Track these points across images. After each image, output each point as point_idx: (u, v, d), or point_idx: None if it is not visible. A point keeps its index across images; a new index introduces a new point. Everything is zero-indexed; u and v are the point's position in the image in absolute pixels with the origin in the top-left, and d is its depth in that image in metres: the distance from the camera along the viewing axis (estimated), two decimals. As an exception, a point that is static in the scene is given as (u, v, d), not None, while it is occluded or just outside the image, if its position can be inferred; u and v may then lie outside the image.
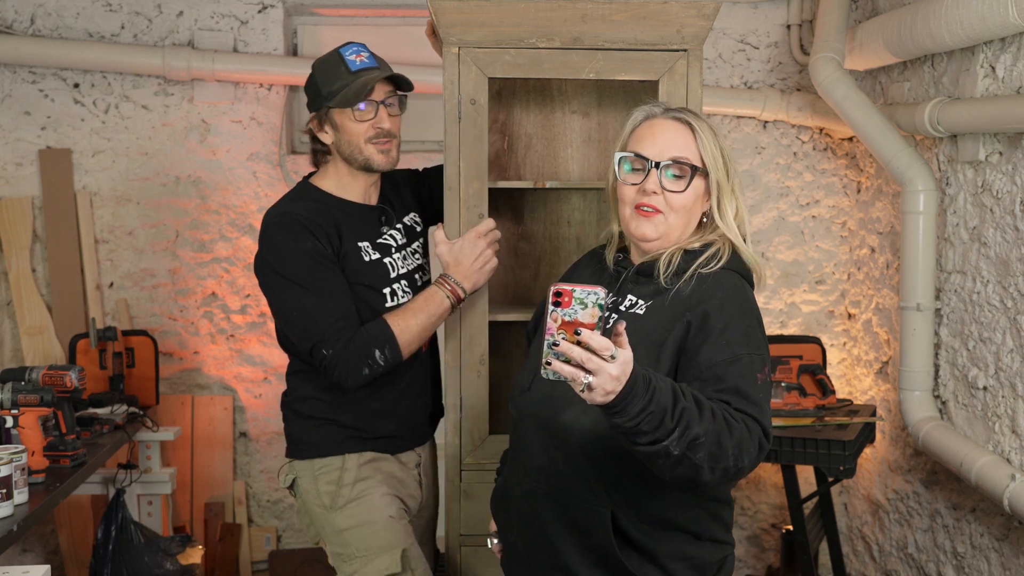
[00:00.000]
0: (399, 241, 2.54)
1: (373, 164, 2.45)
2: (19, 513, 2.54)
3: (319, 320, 2.34)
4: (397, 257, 2.52)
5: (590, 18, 2.44)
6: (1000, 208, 3.01)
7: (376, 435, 2.49)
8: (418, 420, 2.58)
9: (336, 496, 2.45)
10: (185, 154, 4.09)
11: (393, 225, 2.55)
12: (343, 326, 2.33)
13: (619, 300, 1.95)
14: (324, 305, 2.35)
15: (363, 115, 2.41)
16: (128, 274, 4.10)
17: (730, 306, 1.84)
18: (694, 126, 1.92)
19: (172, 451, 4.08)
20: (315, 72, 2.46)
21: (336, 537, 2.45)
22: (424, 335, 2.41)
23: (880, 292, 3.90)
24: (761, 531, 4.28)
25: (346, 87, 2.39)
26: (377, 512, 2.44)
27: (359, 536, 2.42)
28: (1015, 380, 2.95)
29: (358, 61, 2.43)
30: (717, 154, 1.91)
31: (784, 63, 4.13)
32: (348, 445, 2.47)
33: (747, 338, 1.82)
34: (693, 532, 1.90)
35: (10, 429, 2.83)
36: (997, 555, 3.13)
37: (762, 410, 1.77)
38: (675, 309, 1.86)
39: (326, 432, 2.48)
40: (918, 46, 3.22)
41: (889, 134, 3.43)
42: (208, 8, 4.05)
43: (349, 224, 2.45)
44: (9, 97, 4.01)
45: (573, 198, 2.88)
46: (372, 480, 2.46)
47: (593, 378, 1.53)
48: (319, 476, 2.47)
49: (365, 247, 2.46)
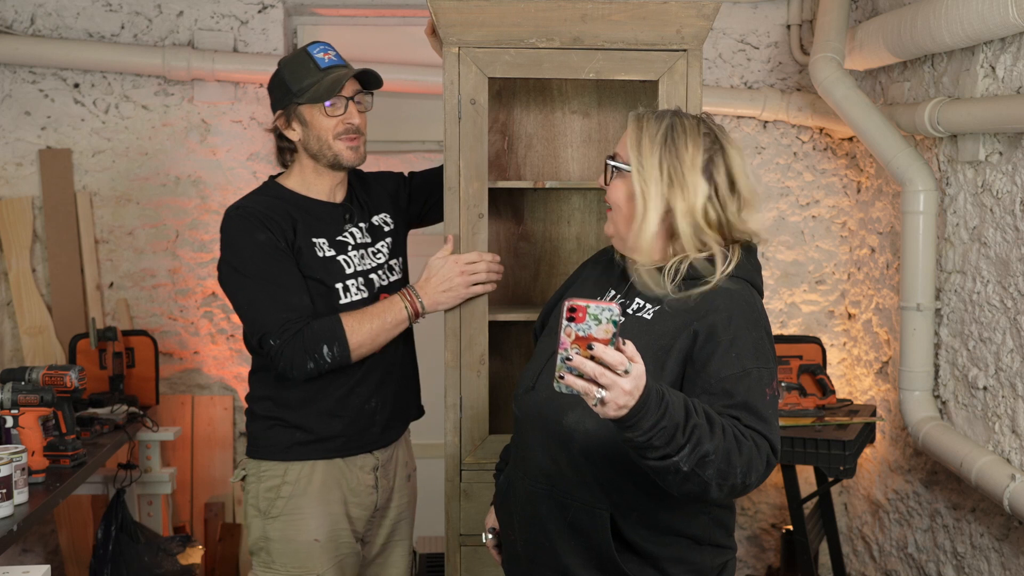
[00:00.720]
0: (359, 240, 2.54)
1: (342, 160, 2.47)
2: (19, 513, 2.54)
3: (268, 311, 2.37)
4: (354, 255, 2.51)
5: (590, 18, 2.44)
6: (1000, 208, 3.01)
7: (323, 436, 2.48)
8: (375, 421, 2.55)
9: (272, 504, 2.47)
10: (185, 154, 4.09)
11: (356, 223, 2.54)
12: (293, 318, 2.36)
13: (627, 303, 1.94)
14: (274, 297, 2.37)
15: (333, 110, 2.43)
16: (128, 274, 4.10)
17: (739, 318, 1.83)
18: (633, 124, 1.90)
19: (172, 451, 4.08)
20: (282, 70, 2.48)
21: (264, 543, 2.49)
22: (376, 340, 2.42)
23: (880, 292, 3.90)
24: (761, 531, 4.29)
25: (317, 83, 2.42)
26: (304, 533, 2.46)
27: (282, 552, 2.46)
28: (1015, 380, 2.95)
29: (326, 59, 2.45)
30: (651, 154, 1.85)
31: (784, 63, 4.13)
32: (294, 451, 2.47)
33: (756, 352, 1.80)
34: (693, 537, 1.89)
35: (10, 429, 2.83)
36: (997, 555, 3.13)
37: (771, 427, 1.77)
38: (682, 317, 1.84)
39: (275, 434, 2.49)
40: (918, 46, 3.22)
41: (889, 134, 3.43)
42: (208, 8, 4.05)
43: (307, 220, 2.46)
44: (9, 97, 4.01)
45: (573, 198, 2.88)
46: (307, 498, 2.46)
47: (606, 393, 1.53)
48: (262, 478, 2.50)
49: (320, 243, 2.47)
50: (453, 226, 2.48)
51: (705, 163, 1.86)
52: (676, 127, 1.87)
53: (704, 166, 1.86)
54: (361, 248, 2.54)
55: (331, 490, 2.49)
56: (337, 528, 2.50)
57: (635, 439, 1.59)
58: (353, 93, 2.46)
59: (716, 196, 1.87)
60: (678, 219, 1.85)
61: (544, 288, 2.90)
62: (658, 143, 1.85)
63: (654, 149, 1.85)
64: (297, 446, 2.47)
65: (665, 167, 1.85)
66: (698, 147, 1.86)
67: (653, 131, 1.87)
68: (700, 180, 1.85)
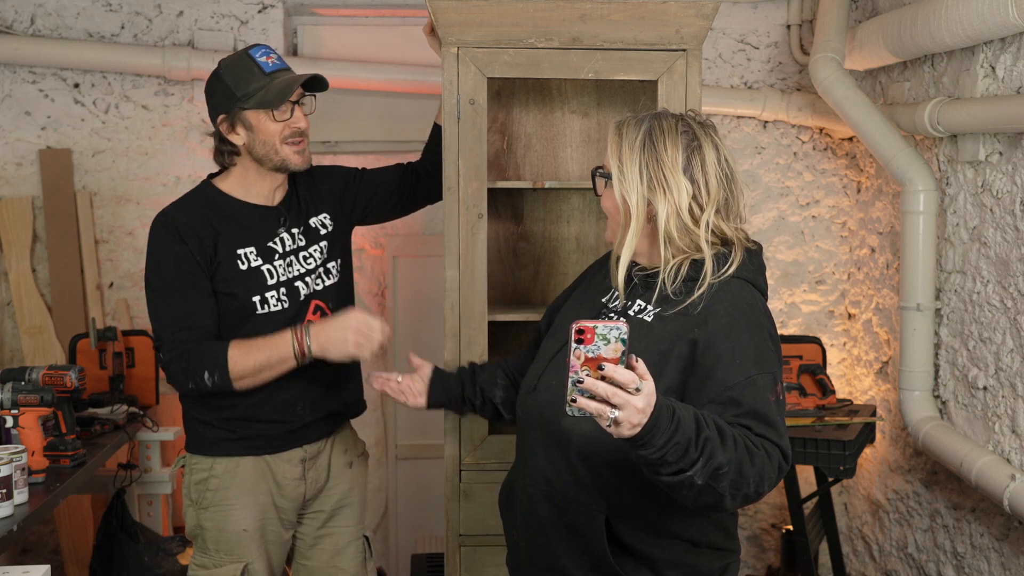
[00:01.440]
0: (290, 246, 2.53)
1: (290, 164, 2.47)
2: (19, 513, 2.53)
3: (166, 324, 2.41)
4: (280, 264, 2.50)
5: (589, 18, 2.44)
6: (1000, 208, 3.01)
7: (247, 436, 2.52)
8: (303, 422, 2.56)
9: (203, 496, 2.53)
10: (185, 154, 4.09)
11: (289, 228, 2.53)
12: (183, 337, 2.39)
13: (628, 304, 1.93)
14: (172, 312, 2.41)
15: (281, 115, 2.43)
16: (128, 274, 4.10)
17: (740, 321, 1.82)
18: (613, 133, 1.91)
19: (172, 451, 4.08)
20: (223, 74, 2.45)
21: (199, 531, 2.56)
22: (259, 375, 2.40)
23: (880, 292, 3.90)
24: (761, 531, 4.29)
25: (263, 88, 2.40)
26: (233, 523, 2.52)
27: (215, 539, 2.54)
28: (1015, 380, 2.95)
29: (270, 63, 2.44)
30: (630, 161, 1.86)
31: (784, 63, 4.13)
32: (220, 447, 2.53)
33: (759, 356, 1.80)
34: (691, 540, 1.89)
35: (10, 429, 2.83)
36: (997, 555, 3.13)
37: (780, 432, 1.76)
38: (682, 322, 1.84)
39: (202, 430, 2.55)
40: (918, 46, 3.22)
41: (889, 134, 3.43)
42: (208, 8, 4.05)
43: (233, 230, 2.46)
44: (9, 97, 4.01)
45: (572, 198, 2.88)
46: (233, 491, 2.52)
47: (619, 412, 1.54)
48: (193, 471, 2.55)
49: (245, 253, 2.47)
50: (452, 226, 2.48)
51: (685, 163, 1.86)
52: (654, 130, 1.87)
53: (684, 166, 1.86)
54: (290, 255, 2.52)
55: (257, 482, 2.54)
56: (265, 518, 2.55)
57: (648, 456, 1.60)
58: (298, 97, 2.47)
59: (698, 195, 1.86)
60: (664, 221, 1.85)
61: (544, 288, 2.90)
62: (637, 149, 1.86)
63: (633, 156, 1.86)
64: (224, 442, 2.52)
65: (645, 172, 1.85)
66: (677, 147, 1.86)
67: (632, 137, 1.88)
68: (683, 180, 1.85)
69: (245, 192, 2.51)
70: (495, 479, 2.54)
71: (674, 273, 1.87)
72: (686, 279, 1.87)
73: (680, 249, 1.88)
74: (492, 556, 2.56)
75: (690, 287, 1.86)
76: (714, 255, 1.87)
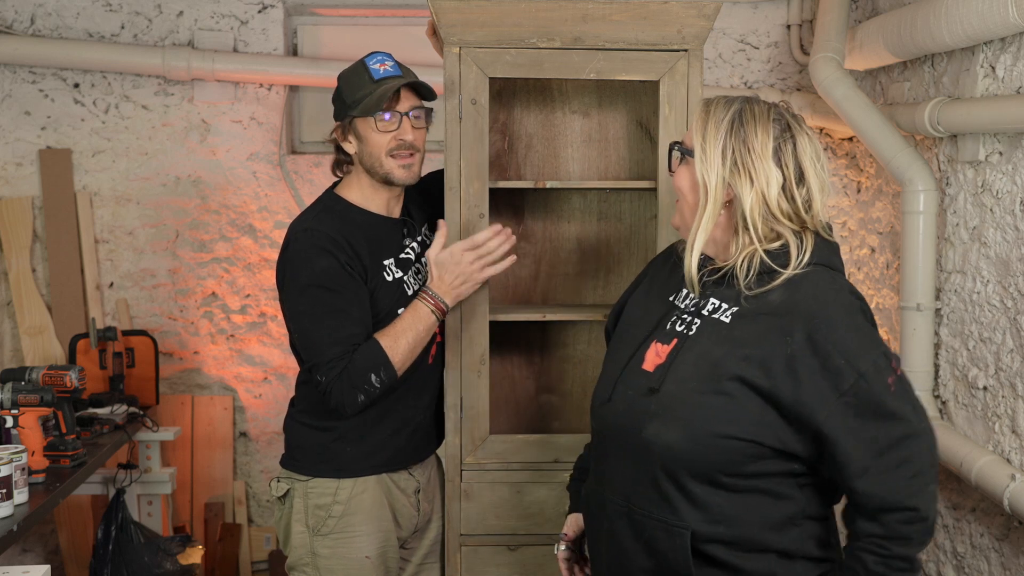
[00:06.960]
0: (414, 256, 2.51)
1: (393, 178, 2.40)
2: (19, 513, 2.54)
3: (318, 345, 2.31)
4: (411, 275, 2.48)
5: (591, 18, 2.44)
6: (1000, 208, 3.01)
7: (371, 449, 2.45)
8: (419, 439, 2.53)
9: (323, 522, 2.43)
10: (185, 154, 4.09)
11: (415, 238, 2.52)
12: (339, 353, 2.29)
13: (701, 303, 1.83)
14: (325, 329, 2.31)
15: (386, 125, 2.36)
16: (128, 274, 4.10)
17: (833, 309, 1.73)
18: (700, 110, 1.83)
19: (172, 451, 4.08)
20: (340, 81, 2.42)
21: (311, 558, 2.45)
22: (415, 351, 2.37)
23: (880, 292, 3.90)
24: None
25: (369, 95, 2.35)
26: (355, 551, 2.43)
27: (330, 568, 2.43)
28: (1015, 380, 2.95)
29: (381, 70, 2.38)
30: (715, 140, 1.79)
31: (784, 63, 4.13)
32: (345, 470, 2.44)
33: (860, 344, 1.71)
34: (784, 551, 1.77)
35: (10, 429, 2.83)
36: (997, 555, 3.13)
37: (907, 419, 1.70)
38: (766, 321, 1.74)
39: (325, 451, 2.44)
40: (918, 46, 3.22)
41: (889, 134, 3.43)
42: (208, 8, 4.05)
43: (373, 241, 2.41)
44: (9, 97, 4.01)
45: (573, 198, 2.88)
46: (358, 516, 2.43)
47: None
48: (310, 495, 2.44)
49: (388, 264, 2.43)
50: (454, 226, 2.48)
51: (774, 151, 1.78)
52: (744, 113, 1.79)
53: (773, 153, 1.77)
54: (416, 264, 2.51)
55: (382, 507, 2.46)
56: (387, 545, 2.48)
57: None
58: (409, 108, 2.39)
59: (788, 185, 1.78)
60: (746, 208, 1.77)
61: (544, 288, 2.90)
62: (724, 129, 1.78)
63: (719, 135, 1.78)
64: (348, 464, 2.44)
65: (730, 153, 1.77)
66: (768, 133, 1.78)
67: (720, 116, 1.79)
68: (772, 167, 1.77)
69: (367, 203, 2.45)
70: (495, 479, 2.55)
71: (746, 265, 1.78)
72: (760, 272, 1.77)
73: (751, 240, 1.78)
74: (492, 556, 2.56)
75: (764, 280, 1.77)
76: (782, 247, 1.79)
